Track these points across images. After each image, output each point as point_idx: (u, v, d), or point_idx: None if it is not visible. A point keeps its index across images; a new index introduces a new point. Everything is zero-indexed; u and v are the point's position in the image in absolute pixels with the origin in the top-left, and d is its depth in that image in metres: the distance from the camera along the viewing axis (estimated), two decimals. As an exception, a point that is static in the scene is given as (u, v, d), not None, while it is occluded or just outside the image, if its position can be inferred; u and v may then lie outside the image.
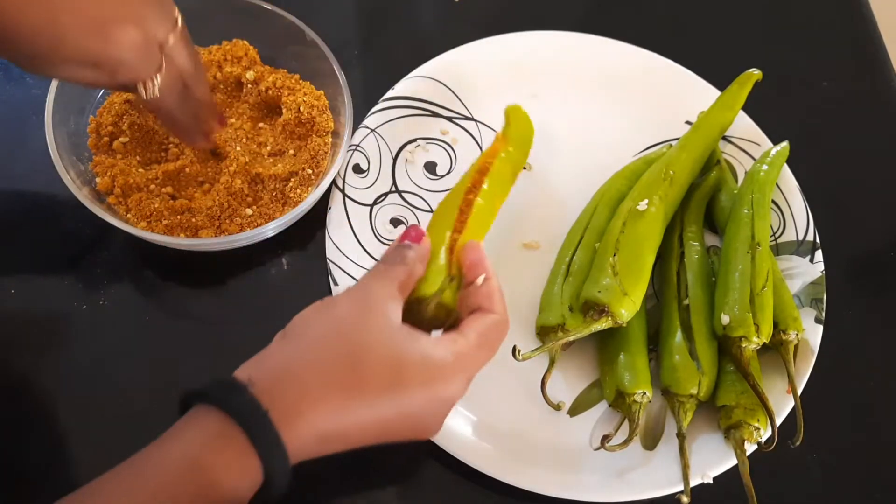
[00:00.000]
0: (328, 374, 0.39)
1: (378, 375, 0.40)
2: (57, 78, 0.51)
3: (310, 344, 0.41)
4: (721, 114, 0.62)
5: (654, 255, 0.55)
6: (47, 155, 0.51)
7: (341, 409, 0.39)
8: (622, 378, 0.52)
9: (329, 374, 0.39)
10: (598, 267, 0.54)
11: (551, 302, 0.55)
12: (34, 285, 0.54)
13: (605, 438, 0.50)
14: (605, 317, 0.51)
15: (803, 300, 0.57)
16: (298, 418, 0.38)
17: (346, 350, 0.40)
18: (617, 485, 0.51)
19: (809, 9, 0.73)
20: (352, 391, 0.39)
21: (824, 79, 0.70)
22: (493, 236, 0.52)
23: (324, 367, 0.39)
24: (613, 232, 0.55)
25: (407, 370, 0.40)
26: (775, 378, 0.53)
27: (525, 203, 0.60)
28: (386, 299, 0.42)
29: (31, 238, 0.56)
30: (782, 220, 0.61)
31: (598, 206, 0.59)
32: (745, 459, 0.50)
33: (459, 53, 0.65)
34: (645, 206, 0.55)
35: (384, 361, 0.40)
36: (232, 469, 0.36)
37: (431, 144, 0.63)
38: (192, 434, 0.38)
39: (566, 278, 0.56)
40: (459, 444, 0.51)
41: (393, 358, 0.40)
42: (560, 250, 0.58)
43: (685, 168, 0.58)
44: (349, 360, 0.40)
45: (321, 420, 0.38)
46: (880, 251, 0.63)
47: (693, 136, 0.61)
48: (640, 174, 0.61)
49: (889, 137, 0.68)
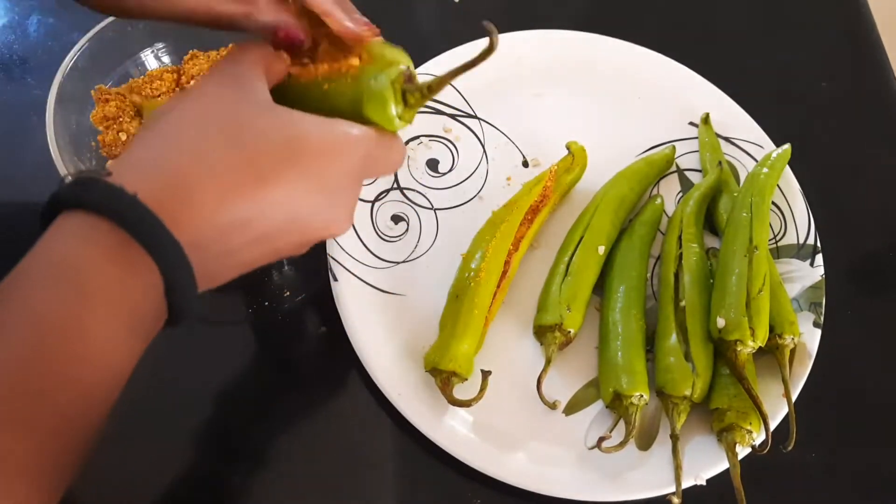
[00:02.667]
0: (209, 153, 0.34)
1: (271, 147, 0.35)
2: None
3: (179, 126, 0.35)
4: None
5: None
6: (48, 155, 0.51)
7: (233, 187, 0.33)
8: (620, 380, 0.52)
9: (210, 152, 0.34)
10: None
11: (549, 301, 0.55)
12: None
13: (601, 440, 0.51)
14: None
15: (802, 304, 0.57)
16: (183, 203, 0.32)
17: (225, 127, 0.35)
18: (611, 485, 0.51)
19: (809, 9, 0.73)
20: (242, 167, 0.34)
21: (823, 79, 0.70)
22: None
23: (203, 147, 0.34)
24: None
25: (303, 138, 0.36)
26: (771, 381, 0.54)
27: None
28: (252, 76, 0.37)
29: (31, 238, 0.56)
30: (783, 222, 0.61)
31: (598, 206, 0.59)
32: (736, 462, 0.50)
33: (464, 51, 0.64)
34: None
35: (274, 133, 0.35)
36: (108, 266, 0.30)
37: (434, 141, 0.63)
38: (56, 240, 0.31)
39: (565, 278, 0.56)
40: (456, 442, 0.52)
41: (284, 127, 0.36)
42: (560, 250, 0.59)
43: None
44: (231, 136, 0.34)
45: (211, 202, 0.33)
46: (880, 251, 0.63)
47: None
48: (643, 175, 0.61)
49: (887, 138, 0.68)
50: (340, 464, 0.52)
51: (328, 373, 0.55)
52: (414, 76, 0.39)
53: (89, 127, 0.56)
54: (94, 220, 0.31)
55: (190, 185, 0.33)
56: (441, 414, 0.52)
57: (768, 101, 0.65)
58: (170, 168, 0.33)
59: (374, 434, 0.53)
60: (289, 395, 0.54)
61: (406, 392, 0.53)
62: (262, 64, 0.39)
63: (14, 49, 0.63)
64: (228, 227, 0.34)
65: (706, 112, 0.65)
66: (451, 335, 0.52)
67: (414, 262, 0.58)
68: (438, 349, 0.52)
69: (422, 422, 0.52)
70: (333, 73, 0.40)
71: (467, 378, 0.52)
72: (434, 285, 0.57)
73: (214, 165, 0.33)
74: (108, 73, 0.57)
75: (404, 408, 0.52)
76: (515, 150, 0.64)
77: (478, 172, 0.62)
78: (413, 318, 0.56)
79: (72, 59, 0.53)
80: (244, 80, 0.37)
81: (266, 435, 0.52)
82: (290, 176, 0.35)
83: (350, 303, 0.55)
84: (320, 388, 0.54)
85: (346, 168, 0.38)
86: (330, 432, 0.53)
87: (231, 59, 0.38)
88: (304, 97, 0.40)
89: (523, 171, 0.63)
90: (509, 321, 0.57)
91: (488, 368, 0.52)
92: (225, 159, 0.34)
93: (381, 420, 0.53)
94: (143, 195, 0.31)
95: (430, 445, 0.51)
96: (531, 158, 0.63)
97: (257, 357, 0.55)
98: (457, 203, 0.61)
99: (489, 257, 0.55)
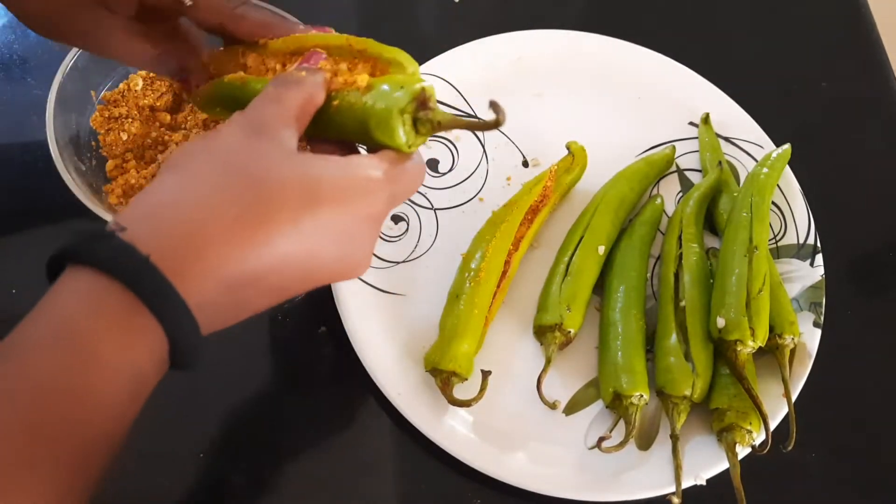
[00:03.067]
0: (224, 206, 0.32)
1: (288, 198, 0.33)
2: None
3: (196, 176, 0.34)
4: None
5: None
6: (48, 155, 0.51)
7: (248, 243, 0.32)
8: (620, 380, 0.52)
9: (226, 205, 0.32)
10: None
11: (549, 301, 0.55)
12: (35, 285, 0.54)
13: (601, 440, 0.51)
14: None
15: (802, 304, 0.57)
16: (195, 261, 0.31)
17: (243, 179, 0.33)
18: (611, 485, 0.51)
19: (809, 9, 0.73)
20: (257, 221, 0.33)
21: (823, 79, 0.70)
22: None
23: (218, 199, 0.33)
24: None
25: (322, 186, 0.34)
26: (771, 381, 0.54)
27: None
28: (280, 125, 0.36)
29: (31, 238, 0.56)
30: (783, 222, 0.61)
31: (598, 207, 0.59)
32: (736, 462, 0.50)
33: (464, 51, 0.65)
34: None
35: (293, 182, 0.34)
36: (114, 331, 0.30)
37: (434, 141, 0.63)
38: (63, 299, 0.30)
39: (565, 278, 0.56)
40: (456, 442, 0.52)
41: (303, 177, 0.34)
42: (560, 250, 0.59)
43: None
44: (248, 189, 0.33)
45: (224, 259, 0.32)
46: (880, 251, 0.63)
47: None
48: (642, 175, 0.61)
49: (887, 137, 0.68)
50: (340, 464, 0.52)
51: (328, 373, 0.55)
52: (429, 98, 0.37)
53: (89, 127, 0.56)
54: (104, 281, 0.30)
55: (205, 241, 0.32)
56: (441, 414, 0.52)
57: (768, 101, 0.65)
58: (184, 222, 0.32)
59: (374, 434, 0.53)
60: (288, 395, 0.54)
61: (406, 392, 0.53)
62: (299, 106, 0.37)
63: (14, 49, 0.63)
64: (241, 282, 0.33)
65: (706, 112, 0.65)
66: (452, 335, 0.52)
67: (414, 262, 0.58)
68: (438, 349, 0.52)
69: (422, 422, 0.52)
70: (343, 88, 0.39)
71: (467, 378, 0.52)
72: (434, 285, 0.57)
73: (230, 222, 0.32)
74: (108, 74, 0.57)
75: (404, 408, 0.52)
76: (515, 149, 0.64)
77: (478, 172, 0.62)
78: (413, 318, 0.56)
79: (72, 59, 0.54)
80: (271, 128, 0.36)
81: (265, 435, 0.52)
82: (307, 228, 0.34)
83: (350, 302, 0.55)
84: (320, 389, 0.54)
85: (369, 211, 0.37)
86: (329, 432, 0.53)
87: (267, 100, 0.37)
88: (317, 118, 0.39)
89: (523, 170, 0.63)
90: (509, 321, 0.57)
91: (488, 368, 0.52)
92: (242, 216, 0.33)
93: (381, 420, 0.53)
94: (155, 254, 0.30)
95: (430, 445, 0.51)
96: (531, 158, 0.63)
97: (257, 357, 0.55)
98: (457, 203, 0.61)
99: (489, 257, 0.55)
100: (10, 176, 0.58)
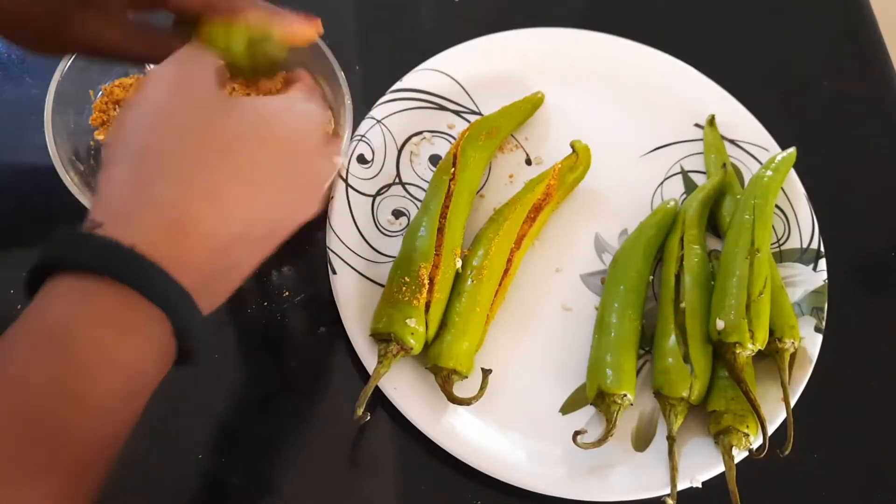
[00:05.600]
0: (197, 176, 0.32)
1: (249, 146, 0.34)
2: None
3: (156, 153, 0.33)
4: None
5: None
6: (47, 155, 0.51)
7: (230, 204, 0.32)
8: (605, 376, 0.52)
9: (197, 174, 0.32)
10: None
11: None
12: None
13: (576, 434, 0.50)
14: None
15: (804, 308, 0.57)
16: (181, 237, 0.31)
17: (203, 140, 0.33)
18: (607, 485, 0.51)
19: (810, 9, 0.73)
20: (230, 178, 0.33)
21: (824, 79, 0.69)
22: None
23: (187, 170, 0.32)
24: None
25: (269, 124, 0.35)
26: (771, 385, 0.53)
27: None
28: (208, 74, 0.36)
29: (30, 238, 0.56)
30: (787, 226, 0.60)
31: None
32: (732, 465, 0.50)
33: (468, 48, 0.64)
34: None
35: (247, 130, 0.34)
36: (108, 332, 0.29)
37: (437, 137, 0.63)
38: (51, 306, 0.30)
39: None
40: (456, 442, 0.52)
41: (255, 121, 0.35)
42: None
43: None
44: (212, 149, 0.33)
45: (209, 225, 0.32)
46: (882, 252, 0.63)
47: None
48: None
49: (889, 138, 0.67)
50: (340, 463, 0.52)
51: (327, 373, 0.55)
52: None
53: (87, 126, 0.56)
54: (91, 281, 0.29)
55: (188, 216, 0.31)
56: (441, 413, 0.52)
57: (771, 102, 0.65)
58: (162, 203, 0.31)
59: (374, 434, 0.53)
60: (288, 394, 0.54)
61: (405, 389, 0.53)
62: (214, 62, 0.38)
63: (12, 48, 0.62)
64: (229, 245, 0.33)
65: (712, 114, 0.64)
66: (453, 333, 0.52)
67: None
68: (439, 346, 0.52)
69: (421, 420, 0.52)
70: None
71: (468, 376, 0.52)
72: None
73: (207, 187, 0.32)
74: (106, 73, 0.57)
75: (403, 405, 0.52)
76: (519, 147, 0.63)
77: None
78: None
79: (70, 59, 0.53)
80: (205, 79, 0.36)
81: (265, 435, 0.52)
82: (273, 168, 0.35)
83: (349, 297, 0.55)
84: (319, 389, 0.54)
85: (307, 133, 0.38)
86: (329, 432, 0.53)
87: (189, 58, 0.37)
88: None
89: (526, 168, 0.62)
90: (511, 319, 0.57)
91: (489, 367, 0.52)
92: (215, 178, 0.32)
93: (381, 420, 0.53)
94: (141, 243, 0.30)
95: (430, 445, 0.52)
96: (534, 156, 0.63)
97: (256, 357, 0.55)
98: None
99: (491, 255, 0.55)
100: (7, 176, 0.58)
